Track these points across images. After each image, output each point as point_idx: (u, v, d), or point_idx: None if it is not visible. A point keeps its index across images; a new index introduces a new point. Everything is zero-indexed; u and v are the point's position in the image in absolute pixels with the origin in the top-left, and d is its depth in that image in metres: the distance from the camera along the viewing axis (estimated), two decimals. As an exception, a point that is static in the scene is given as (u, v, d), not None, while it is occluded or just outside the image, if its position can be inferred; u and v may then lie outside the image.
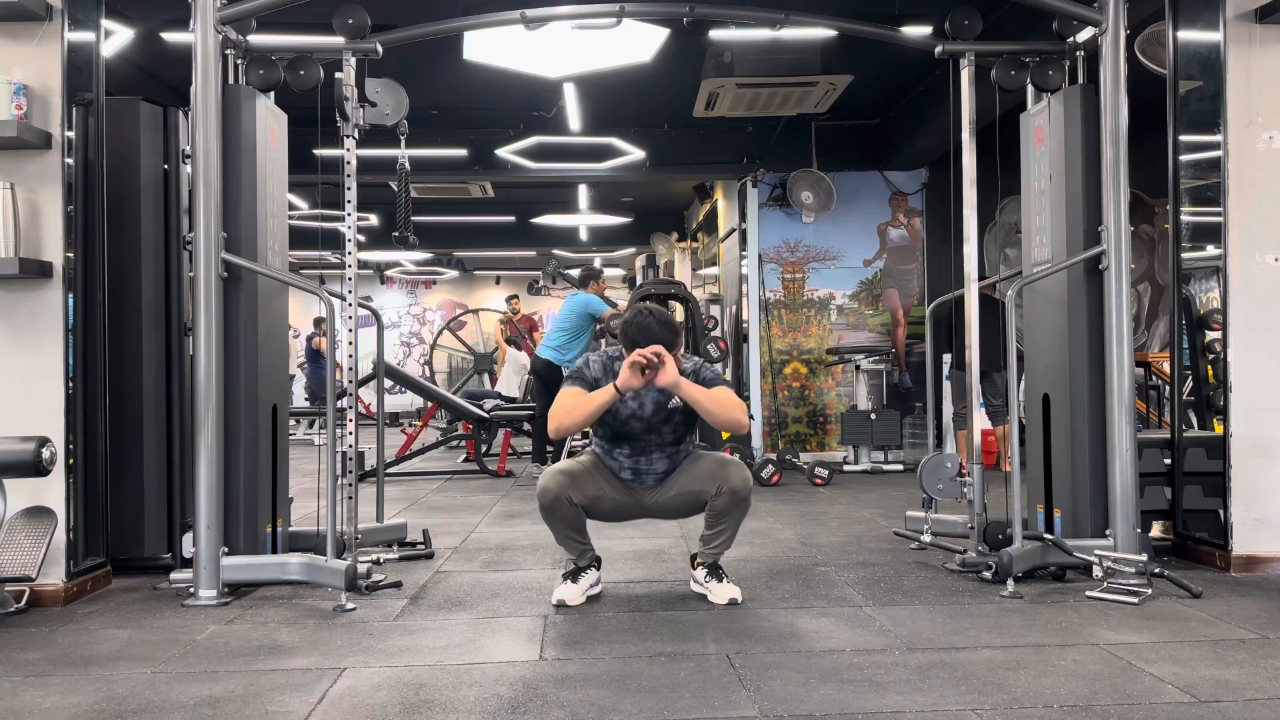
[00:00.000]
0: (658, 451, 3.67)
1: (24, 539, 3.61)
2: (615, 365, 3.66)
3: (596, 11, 4.18)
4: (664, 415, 3.64)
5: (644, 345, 3.53)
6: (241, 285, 3.90)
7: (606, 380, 3.60)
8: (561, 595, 3.61)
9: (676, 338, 3.59)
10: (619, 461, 3.69)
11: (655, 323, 3.57)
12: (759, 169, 8.63)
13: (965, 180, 4.11)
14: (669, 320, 3.61)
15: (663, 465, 3.69)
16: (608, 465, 3.71)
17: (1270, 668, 2.80)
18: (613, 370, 3.65)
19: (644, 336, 3.54)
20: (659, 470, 3.69)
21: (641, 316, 3.60)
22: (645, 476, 3.70)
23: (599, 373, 3.66)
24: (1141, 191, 7.98)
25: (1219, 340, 4.26)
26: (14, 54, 3.75)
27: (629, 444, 3.66)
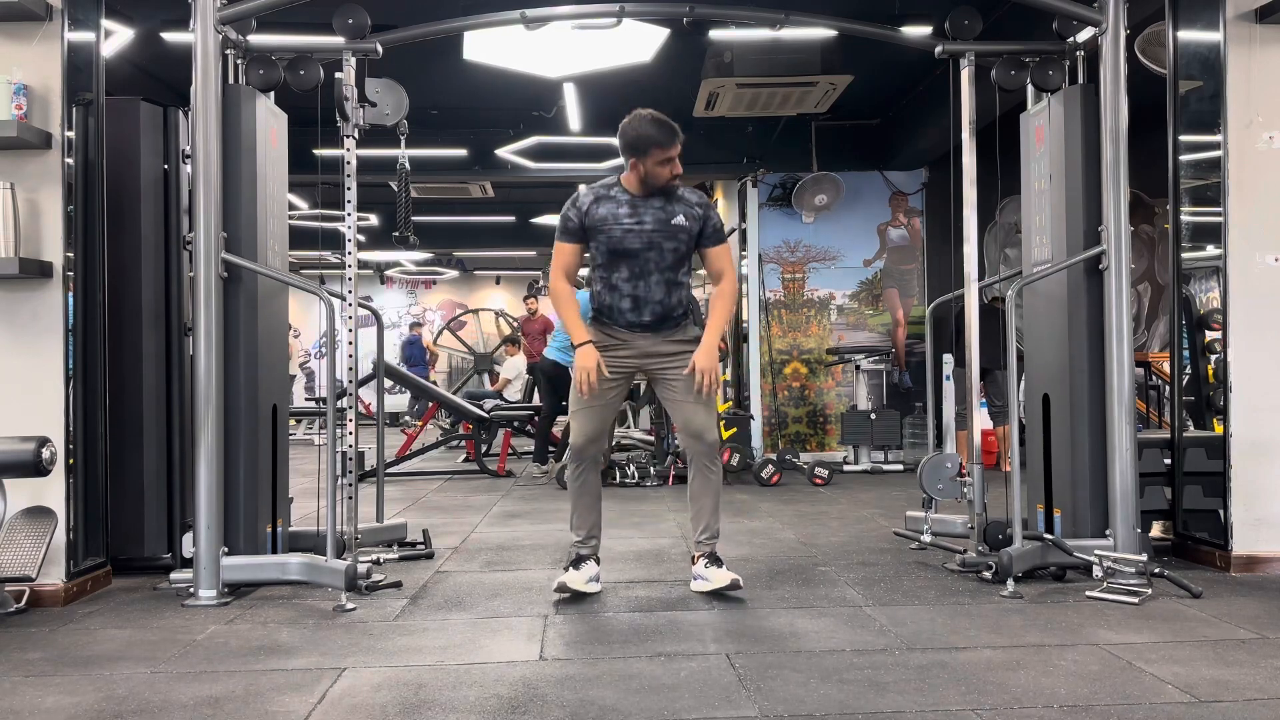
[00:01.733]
0: (656, 274, 3.66)
1: (24, 539, 3.61)
2: (611, 191, 3.68)
3: (596, 11, 4.18)
4: (666, 231, 3.64)
5: (642, 146, 3.58)
6: (241, 285, 3.90)
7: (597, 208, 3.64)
8: (563, 579, 3.66)
9: (675, 136, 3.59)
10: (619, 290, 3.68)
11: (652, 119, 3.58)
12: (759, 169, 8.62)
13: (965, 180, 4.11)
14: (664, 120, 3.59)
15: (660, 293, 3.67)
16: (606, 304, 3.72)
17: (1270, 668, 2.80)
18: (608, 196, 3.66)
19: (641, 137, 3.56)
20: (656, 299, 3.68)
21: (637, 118, 3.61)
22: (644, 308, 3.68)
23: (588, 203, 3.66)
24: (1141, 191, 7.98)
25: (1219, 340, 4.26)
26: (14, 54, 3.75)
27: (626, 264, 3.65)
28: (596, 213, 3.64)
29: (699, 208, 3.69)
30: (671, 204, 3.66)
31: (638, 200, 3.65)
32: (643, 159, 3.58)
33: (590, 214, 3.65)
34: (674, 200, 3.67)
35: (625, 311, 3.70)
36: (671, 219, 3.64)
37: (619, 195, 3.66)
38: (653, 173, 3.60)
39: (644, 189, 3.65)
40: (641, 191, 3.65)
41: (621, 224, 3.62)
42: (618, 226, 3.63)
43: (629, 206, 3.64)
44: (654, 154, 3.56)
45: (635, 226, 3.63)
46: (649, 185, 3.63)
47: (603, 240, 3.66)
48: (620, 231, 3.63)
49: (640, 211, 3.63)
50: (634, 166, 3.63)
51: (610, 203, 3.65)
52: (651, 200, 3.64)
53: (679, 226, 3.64)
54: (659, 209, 3.64)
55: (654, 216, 3.63)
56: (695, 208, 3.68)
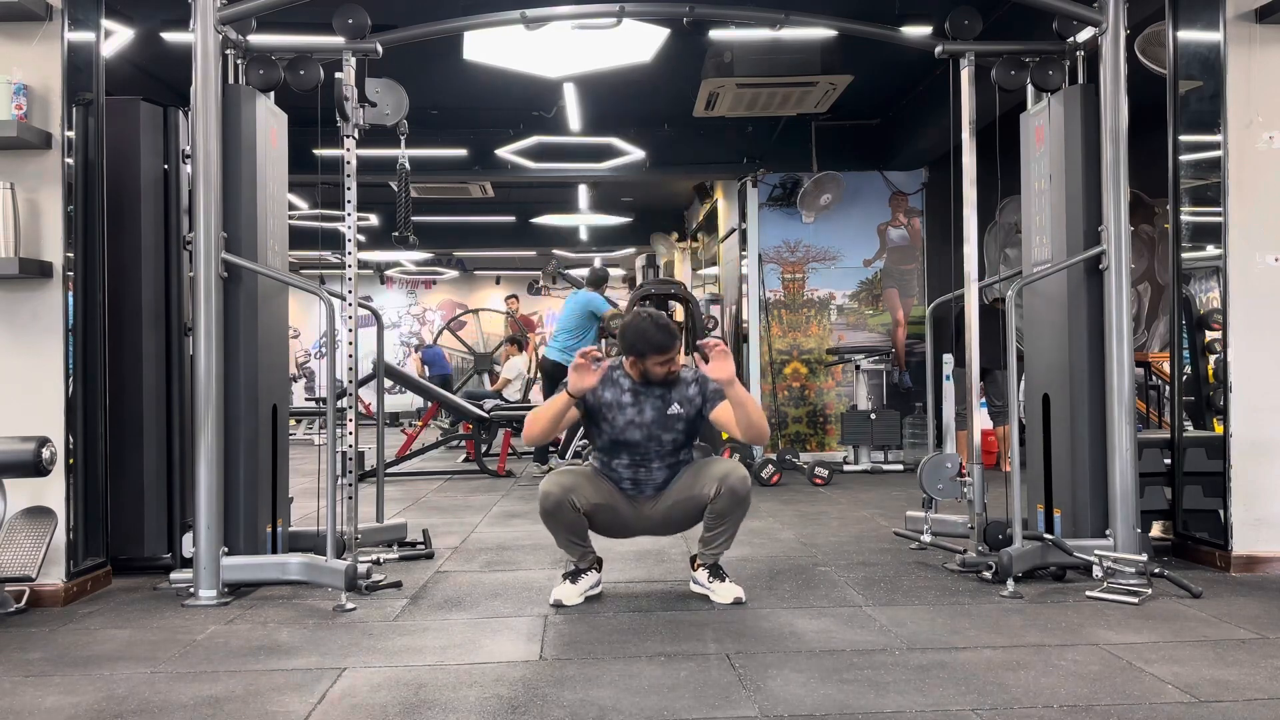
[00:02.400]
0: (657, 460, 3.67)
1: (24, 539, 3.61)
2: (615, 374, 3.68)
3: (596, 11, 4.18)
4: (663, 422, 3.64)
5: (642, 350, 3.57)
6: (241, 285, 3.90)
7: (604, 392, 3.64)
8: (559, 595, 3.61)
9: (674, 341, 3.61)
10: (618, 473, 3.69)
11: (653, 326, 3.58)
12: (759, 169, 8.62)
13: (965, 180, 4.11)
14: (666, 324, 3.61)
15: (662, 475, 3.69)
16: (608, 477, 3.71)
17: (1270, 668, 2.80)
18: (612, 380, 3.66)
19: (641, 341, 3.56)
20: (659, 480, 3.69)
21: (640, 321, 3.61)
22: (645, 486, 3.69)
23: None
24: (1141, 191, 7.98)
25: (1219, 340, 4.26)
26: (14, 54, 3.75)
27: (627, 453, 3.66)
28: (603, 396, 3.64)
29: (692, 385, 3.67)
30: (670, 392, 3.65)
31: (639, 388, 3.66)
32: (641, 360, 3.60)
33: (597, 394, 3.64)
34: (673, 387, 3.66)
35: (626, 489, 3.71)
36: (668, 409, 3.63)
37: (622, 380, 3.67)
38: (651, 372, 3.62)
39: (643, 379, 3.65)
40: (641, 380, 3.66)
41: (624, 414, 3.63)
42: (620, 417, 3.63)
43: (631, 395, 3.65)
44: (652, 358, 3.58)
45: (636, 418, 3.63)
46: (647, 379, 3.65)
47: (605, 428, 3.66)
48: (622, 422, 3.63)
49: (641, 401, 3.64)
50: (633, 364, 3.64)
51: (614, 388, 3.65)
52: (652, 389, 3.65)
53: (675, 417, 3.64)
54: (658, 398, 3.64)
55: (653, 407, 3.63)
56: (690, 386, 3.66)
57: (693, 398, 3.66)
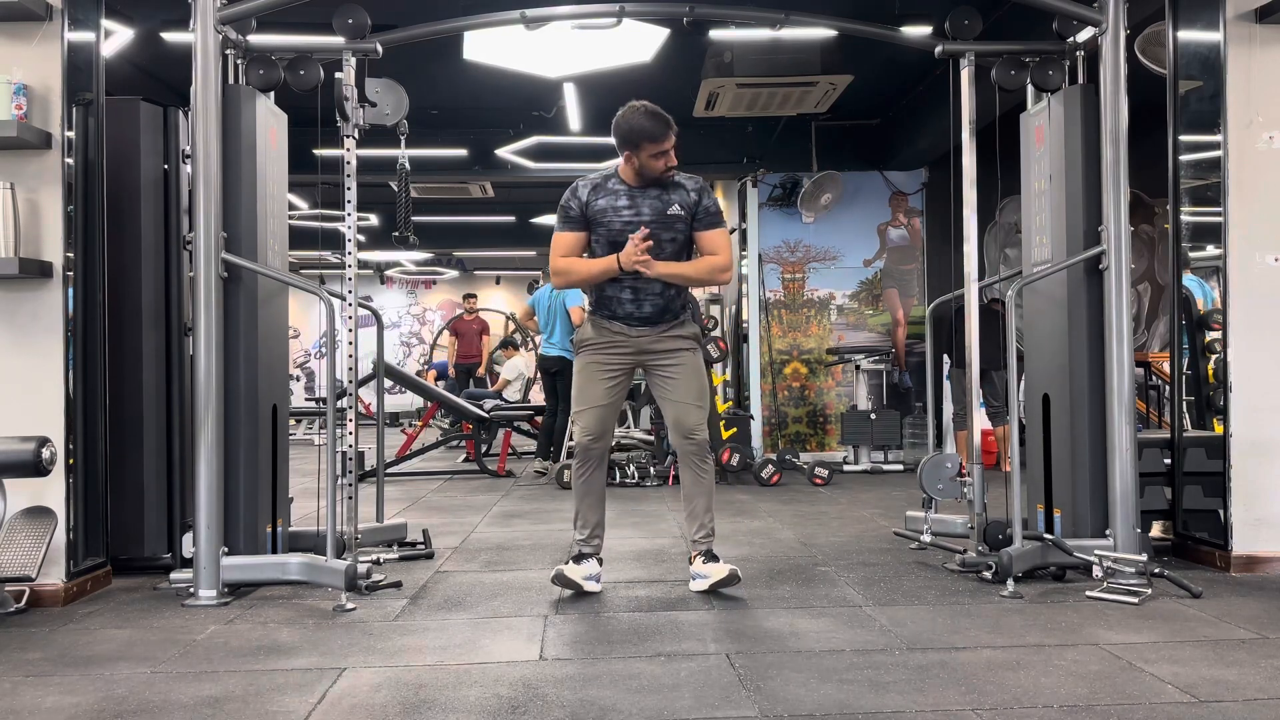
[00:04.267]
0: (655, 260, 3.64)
1: (24, 539, 3.61)
2: (609, 182, 3.67)
3: (596, 11, 4.18)
4: (663, 222, 3.63)
5: (636, 140, 3.56)
6: (241, 285, 3.90)
7: (597, 199, 3.64)
8: (562, 568, 3.69)
9: (669, 128, 3.58)
10: (619, 281, 3.66)
11: (646, 113, 3.57)
12: (759, 169, 8.62)
13: (965, 180, 4.11)
14: (657, 111, 3.58)
15: (659, 285, 3.66)
16: (606, 296, 3.70)
17: (1270, 668, 2.80)
18: (606, 188, 3.65)
19: (635, 130, 3.55)
20: (657, 291, 3.67)
21: (631, 112, 3.59)
22: (643, 299, 3.67)
23: (588, 195, 3.67)
24: (1141, 191, 7.98)
25: (1219, 340, 4.26)
26: (14, 54, 3.75)
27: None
28: (596, 204, 3.65)
29: (694, 193, 3.68)
30: (668, 193, 3.65)
31: (635, 191, 3.65)
32: (636, 152, 3.58)
33: (590, 204, 3.65)
34: (671, 189, 3.66)
35: (624, 303, 3.69)
36: (668, 209, 3.64)
37: (616, 186, 3.66)
38: (647, 165, 3.60)
39: (640, 180, 3.65)
40: (638, 183, 3.65)
41: (621, 216, 3.63)
42: (616, 219, 3.63)
43: (627, 198, 3.64)
44: (646, 147, 3.56)
45: (634, 219, 3.62)
46: (644, 177, 3.64)
47: (602, 233, 3.66)
48: (619, 224, 3.63)
49: (638, 203, 3.63)
50: (628, 159, 3.63)
51: (608, 194, 3.65)
52: (649, 191, 3.65)
53: (675, 216, 3.64)
54: (655, 199, 3.64)
55: (651, 207, 3.63)
56: (691, 193, 3.67)
57: (690, 201, 3.65)
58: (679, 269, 3.66)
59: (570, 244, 3.69)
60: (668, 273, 3.62)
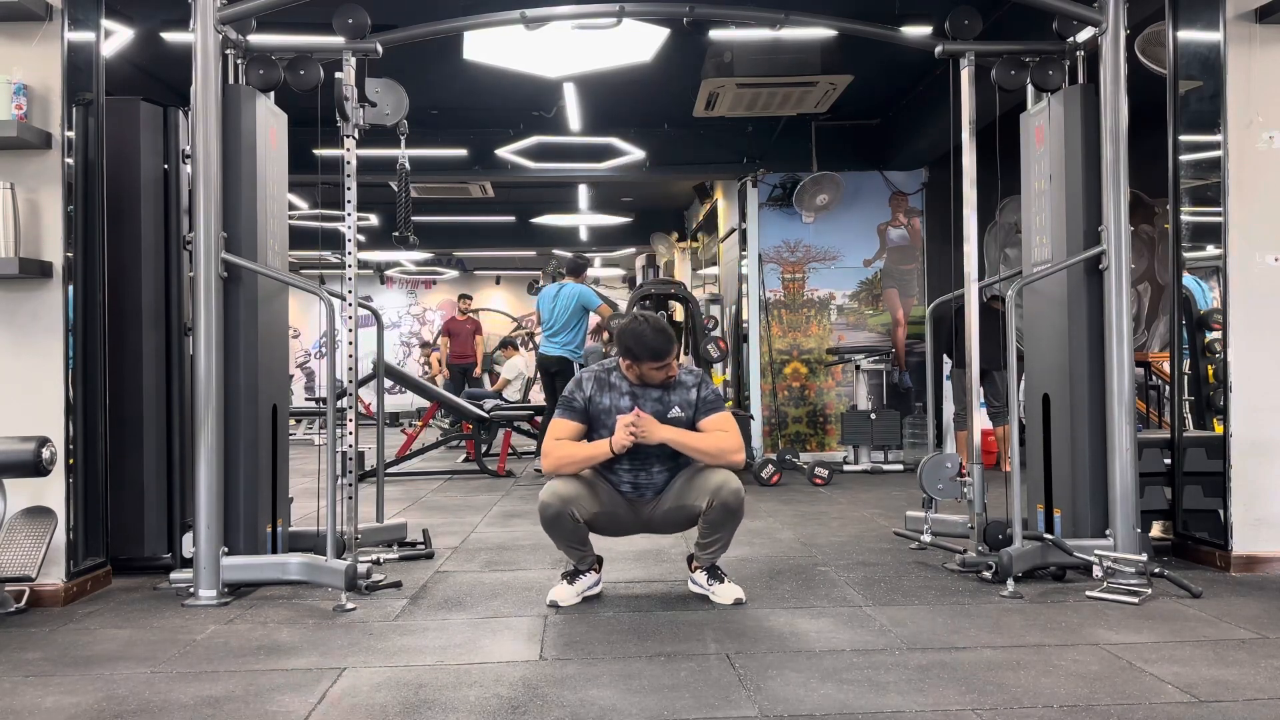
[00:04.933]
0: (658, 464, 3.65)
1: (24, 539, 3.61)
2: (611, 377, 3.66)
3: (596, 11, 4.18)
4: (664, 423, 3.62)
5: (640, 355, 3.55)
6: (241, 285, 3.90)
7: (600, 397, 3.63)
8: (555, 596, 3.62)
9: (672, 345, 3.59)
10: (619, 476, 3.67)
11: (651, 331, 3.57)
12: (759, 169, 8.62)
13: (965, 180, 4.11)
14: (664, 328, 3.60)
15: (663, 478, 3.67)
16: (608, 480, 3.68)
17: (1270, 668, 2.80)
18: (609, 384, 3.65)
19: (638, 346, 3.55)
20: (659, 483, 3.68)
21: (637, 325, 3.59)
22: (645, 490, 3.68)
23: (592, 390, 3.65)
24: (1141, 191, 7.98)
25: (1219, 340, 4.26)
26: (14, 54, 3.75)
27: (628, 457, 3.62)
28: (600, 402, 3.63)
29: (693, 389, 3.65)
30: (669, 393, 3.63)
31: (637, 391, 3.64)
32: (638, 363, 3.58)
33: (593, 401, 3.64)
34: (671, 389, 3.64)
35: (626, 492, 3.69)
36: (668, 412, 3.61)
37: (619, 384, 3.65)
38: (647, 376, 3.61)
39: (641, 381, 3.64)
40: (639, 382, 3.64)
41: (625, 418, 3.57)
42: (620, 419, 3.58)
43: (629, 398, 3.63)
44: (649, 363, 3.57)
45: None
46: (645, 382, 3.63)
47: (604, 433, 3.62)
48: None
49: (640, 404, 3.61)
50: (629, 367, 3.62)
51: (612, 392, 3.64)
52: (650, 391, 3.63)
53: (675, 420, 3.62)
54: (656, 400, 3.62)
55: (652, 409, 3.60)
56: (690, 390, 3.65)
57: (690, 400, 3.65)
58: (685, 436, 3.58)
59: (568, 432, 3.62)
60: (672, 437, 3.55)
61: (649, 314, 3.70)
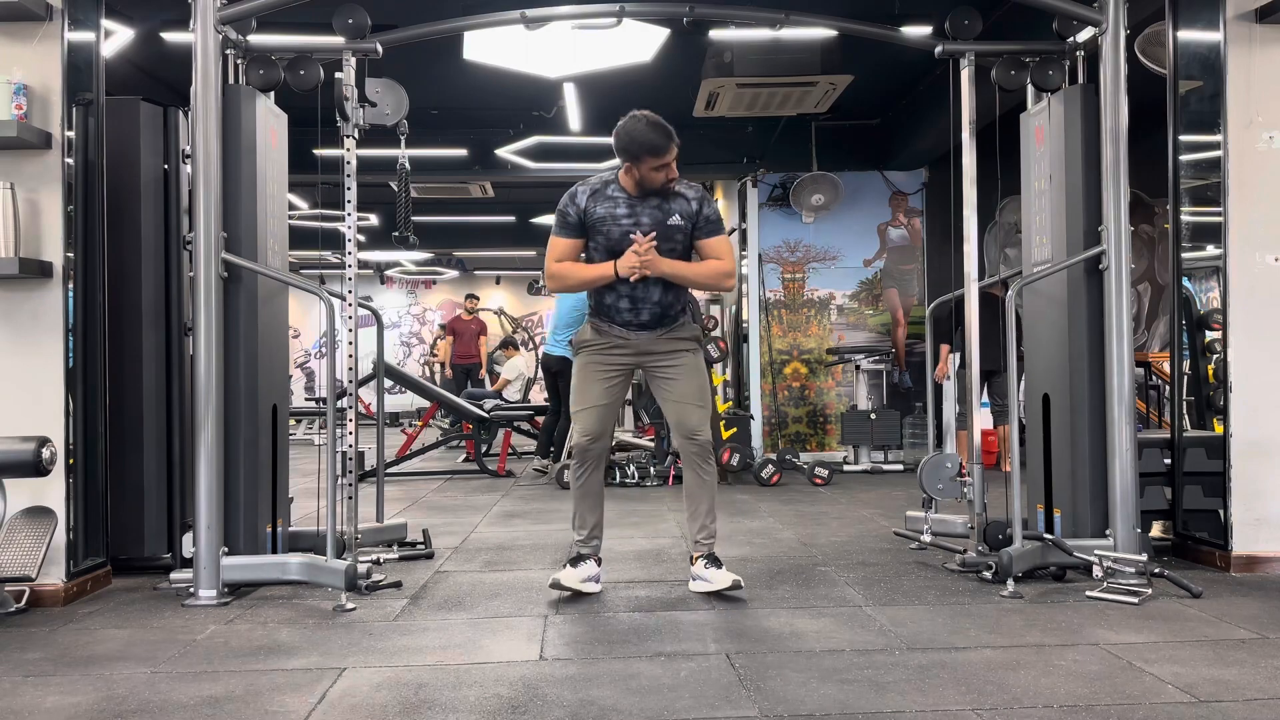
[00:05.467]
0: (655, 283, 3.62)
1: (24, 539, 3.61)
2: (608, 189, 3.64)
3: (596, 11, 4.18)
4: (662, 232, 3.61)
5: (636, 152, 3.52)
6: (241, 285, 3.90)
7: (596, 206, 3.61)
8: (559, 576, 3.67)
9: (671, 141, 3.54)
10: (617, 290, 3.64)
11: (647, 124, 3.52)
12: (759, 169, 8.62)
13: (965, 180, 4.11)
14: (661, 122, 3.54)
15: (657, 293, 3.65)
16: (604, 303, 3.67)
17: (1270, 668, 2.80)
18: (605, 195, 3.63)
19: (636, 142, 3.51)
20: (654, 299, 3.65)
21: (633, 122, 3.55)
22: (641, 307, 3.64)
23: (586, 201, 3.63)
24: (1141, 191, 7.98)
25: (1219, 340, 4.26)
26: (14, 54, 3.75)
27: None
28: (595, 211, 3.63)
29: (694, 202, 3.66)
30: (668, 202, 3.63)
31: (634, 200, 3.62)
32: (637, 164, 3.55)
33: (588, 212, 3.63)
34: (670, 198, 3.64)
35: (623, 311, 3.68)
36: (668, 219, 3.62)
37: (616, 194, 3.64)
38: (647, 177, 3.58)
39: (639, 189, 3.62)
40: (637, 192, 3.62)
41: (620, 225, 3.61)
42: (615, 228, 3.61)
43: (626, 206, 3.62)
44: (647, 160, 3.53)
45: (632, 228, 3.61)
46: (644, 187, 3.62)
47: (600, 241, 3.65)
48: (618, 233, 3.61)
49: (637, 212, 3.61)
50: (628, 170, 3.60)
51: (608, 201, 3.63)
52: (648, 200, 3.62)
53: (675, 227, 3.63)
54: (655, 208, 3.62)
55: (651, 217, 3.61)
56: (691, 203, 3.65)
57: (691, 211, 3.63)
58: (682, 268, 3.65)
59: (566, 250, 3.67)
60: (671, 271, 3.61)
61: (646, 112, 3.61)
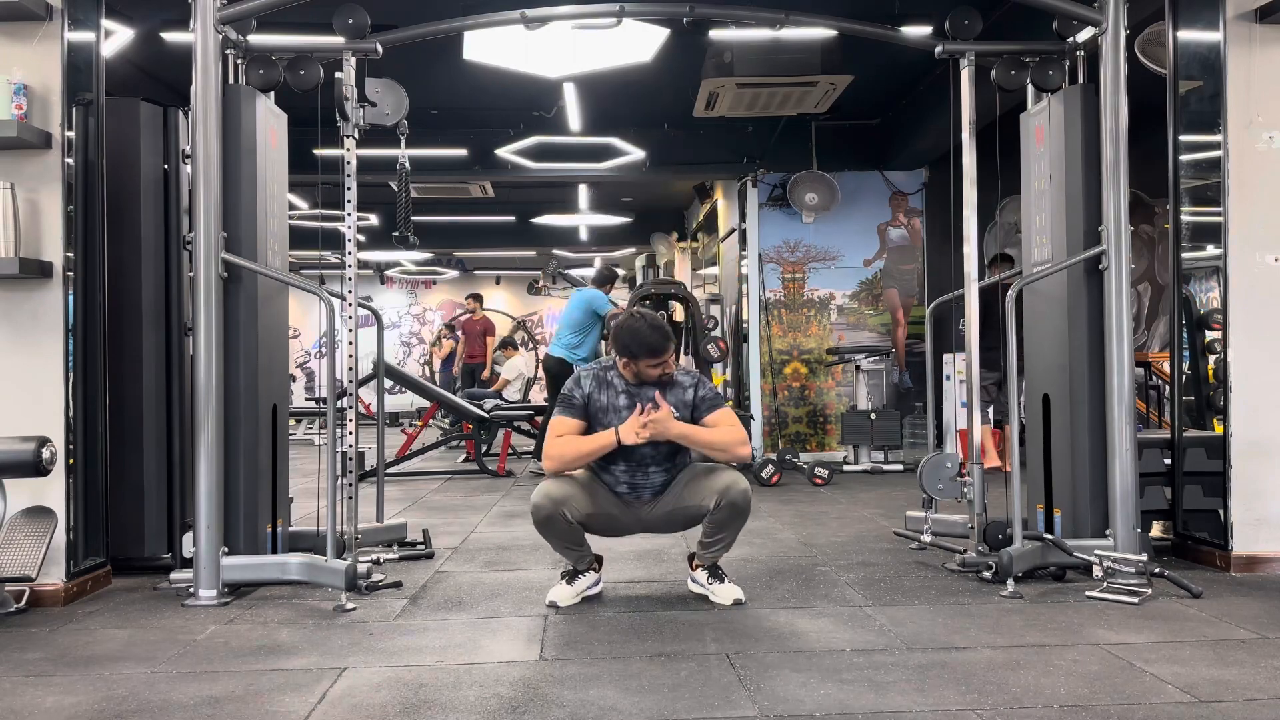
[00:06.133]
0: (654, 465, 3.63)
1: (24, 539, 3.61)
2: (609, 375, 3.65)
3: (596, 11, 4.18)
4: None
5: (635, 352, 3.53)
6: (241, 285, 3.90)
7: (599, 395, 3.61)
8: (554, 596, 3.61)
9: (668, 342, 3.57)
10: (615, 477, 3.65)
11: (647, 327, 3.54)
12: (759, 169, 8.62)
13: (965, 180, 4.11)
14: (660, 325, 3.58)
15: (660, 479, 3.66)
16: (603, 481, 3.66)
17: (1270, 668, 2.80)
18: (606, 382, 3.63)
19: (636, 343, 3.53)
20: (656, 484, 3.66)
21: (634, 321, 3.57)
22: (642, 491, 3.66)
23: (591, 388, 3.63)
24: (1141, 191, 7.98)
25: (1219, 340, 4.26)
26: (14, 54, 3.75)
27: (624, 459, 3.61)
28: (597, 400, 3.61)
29: (689, 390, 3.63)
30: (665, 394, 3.59)
31: (633, 390, 3.62)
32: (634, 361, 3.56)
33: (591, 398, 3.62)
34: (667, 389, 3.61)
35: (622, 493, 3.66)
36: None
37: (616, 383, 3.63)
38: (644, 374, 3.58)
39: (638, 380, 3.61)
40: (636, 381, 3.62)
41: (619, 416, 3.57)
42: (615, 420, 3.57)
43: (626, 397, 3.61)
44: (646, 360, 3.54)
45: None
46: (642, 381, 3.61)
47: (600, 430, 3.59)
48: (617, 423, 3.56)
49: (637, 403, 3.57)
50: (626, 365, 3.59)
51: (608, 390, 3.62)
52: (647, 390, 3.60)
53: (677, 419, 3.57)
54: (653, 400, 3.56)
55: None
56: (686, 390, 3.63)
57: (687, 401, 3.62)
58: (692, 431, 3.55)
59: (570, 430, 3.60)
60: (685, 433, 3.52)
61: (646, 311, 3.67)
